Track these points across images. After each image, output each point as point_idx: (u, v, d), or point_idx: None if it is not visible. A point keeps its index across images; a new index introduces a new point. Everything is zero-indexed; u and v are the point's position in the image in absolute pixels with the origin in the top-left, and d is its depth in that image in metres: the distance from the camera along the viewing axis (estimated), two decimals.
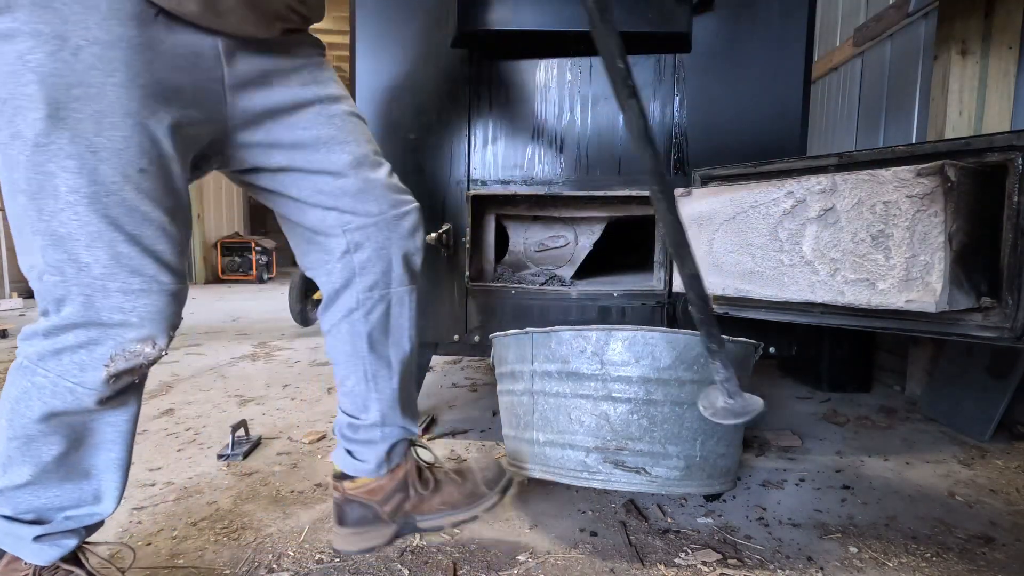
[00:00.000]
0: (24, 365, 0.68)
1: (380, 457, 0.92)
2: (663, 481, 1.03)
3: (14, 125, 0.59)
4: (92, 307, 0.64)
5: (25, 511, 0.71)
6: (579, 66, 1.50)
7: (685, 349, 1.03)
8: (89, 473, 0.74)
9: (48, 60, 0.58)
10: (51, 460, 0.70)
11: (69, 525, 0.74)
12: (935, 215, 0.88)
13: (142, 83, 0.63)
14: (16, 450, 0.69)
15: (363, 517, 0.93)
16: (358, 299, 0.87)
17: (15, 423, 0.68)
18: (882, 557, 1.01)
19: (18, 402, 0.68)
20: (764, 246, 1.17)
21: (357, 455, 0.93)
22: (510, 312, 1.54)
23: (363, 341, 0.89)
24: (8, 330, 3.23)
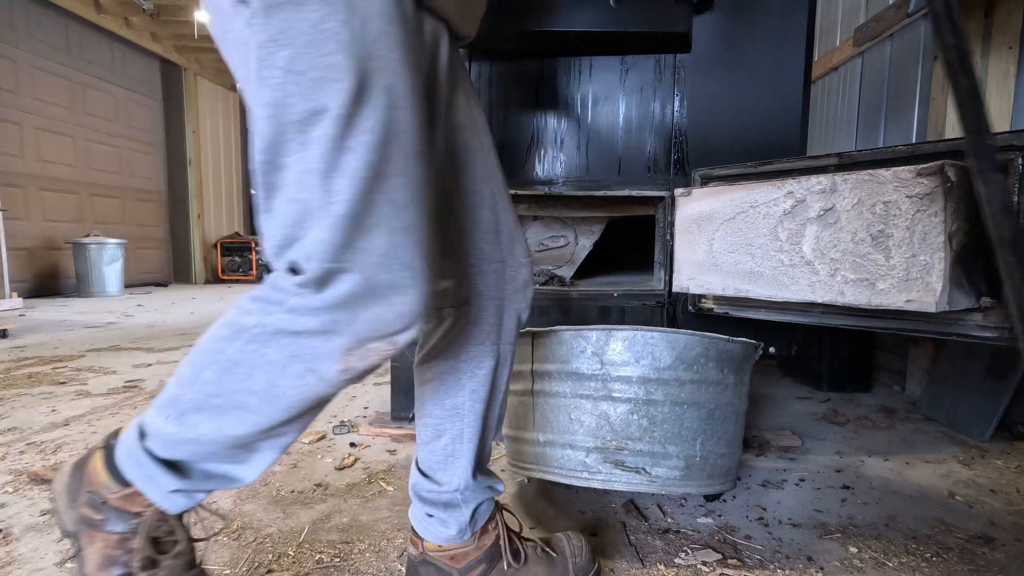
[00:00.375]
0: (255, 332, 0.61)
1: (463, 522, 0.83)
2: (663, 481, 1.03)
3: (315, 99, 0.53)
4: (354, 296, 0.57)
5: (176, 459, 0.67)
6: (579, 66, 1.50)
7: (685, 349, 1.03)
8: (256, 447, 0.70)
9: (344, 29, 0.53)
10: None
11: (207, 486, 0.70)
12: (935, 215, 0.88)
13: (411, 61, 0.58)
14: (211, 408, 0.63)
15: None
16: (468, 351, 0.81)
17: (225, 384, 0.62)
18: (882, 557, 1.01)
19: (237, 365, 0.62)
20: (764, 246, 1.17)
21: (438, 519, 0.83)
22: None
23: (470, 398, 0.82)
24: (8, 330, 3.23)
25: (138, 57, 7.06)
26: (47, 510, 1.14)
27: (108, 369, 2.43)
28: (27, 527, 1.08)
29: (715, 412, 1.05)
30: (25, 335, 3.30)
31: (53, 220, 5.90)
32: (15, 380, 2.21)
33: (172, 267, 7.82)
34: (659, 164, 1.53)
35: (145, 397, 1.99)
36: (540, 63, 1.50)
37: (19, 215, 5.47)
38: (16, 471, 1.33)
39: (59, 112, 5.94)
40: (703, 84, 1.50)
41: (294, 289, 0.58)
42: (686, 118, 1.51)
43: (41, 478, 1.28)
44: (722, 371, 1.06)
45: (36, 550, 1.00)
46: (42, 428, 1.64)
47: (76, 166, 6.19)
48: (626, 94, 1.52)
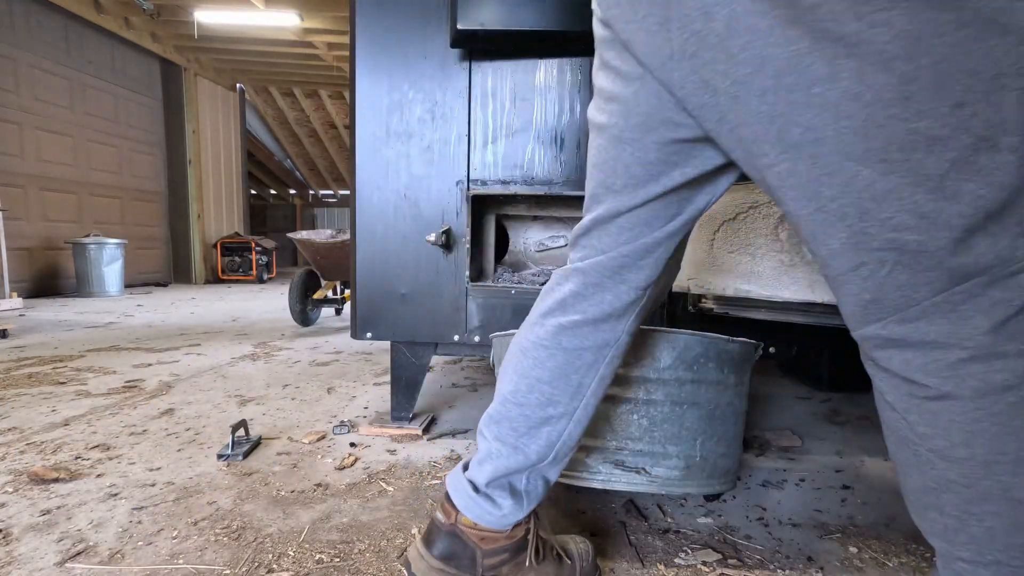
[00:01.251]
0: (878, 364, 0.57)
1: (515, 506, 0.83)
2: (663, 481, 1.03)
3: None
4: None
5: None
6: (579, 66, 1.50)
7: (685, 349, 1.03)
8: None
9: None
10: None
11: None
12: None
13: None
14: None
15: (455, 555, 0.84)
16: (618, 337, 0.80)
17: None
18: (882, 557, 1.01)
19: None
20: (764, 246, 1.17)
21: (487, 496, 0.83)
22: (510, 312, 1.54)
23: (599, 384, 0.82)
24: (8, 330, 3.23)
25: (138, 57, 7.06)
26: (47, 510, 1.14)
27: (108, 369, 2.43)
28: (27, 527, 1.08)
29: (715, 412, 1.05)
30: (25, 335, 3.30)
31: (53, 220, 5.90)
32: (15, 380, 2.21)
33: (172, 267, 7.82)
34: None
35: (145, 397, 1.99)
36: (540, 63, 1.50)
37: (19, 215, 5.47)
38: (16, 471, 1.33)
39: (59, 112, 5.94)
40: None
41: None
42: None
43: (41, 478, 1.28)
44: (722, 371, 1.06)
45: (36, 550, 1.00)
46: (42, 428, 1.64)
47: (76, 166, 6.19)
48: None
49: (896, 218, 0.51)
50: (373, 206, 1.55)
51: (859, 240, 0.53)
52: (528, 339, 0.82)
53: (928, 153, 0.48)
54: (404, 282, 1.56)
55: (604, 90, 0.71)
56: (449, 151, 1.53)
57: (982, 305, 0.51)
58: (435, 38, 1.49)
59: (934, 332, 0.53)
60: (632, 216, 0.74)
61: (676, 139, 0.67)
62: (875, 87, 0.48)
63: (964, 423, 0.54)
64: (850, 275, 0.55)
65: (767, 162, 0.56)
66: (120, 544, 1.02)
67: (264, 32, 6.77)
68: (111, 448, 1.49)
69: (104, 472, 1.33)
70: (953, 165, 0.48)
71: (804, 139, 0.52)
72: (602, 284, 0.78)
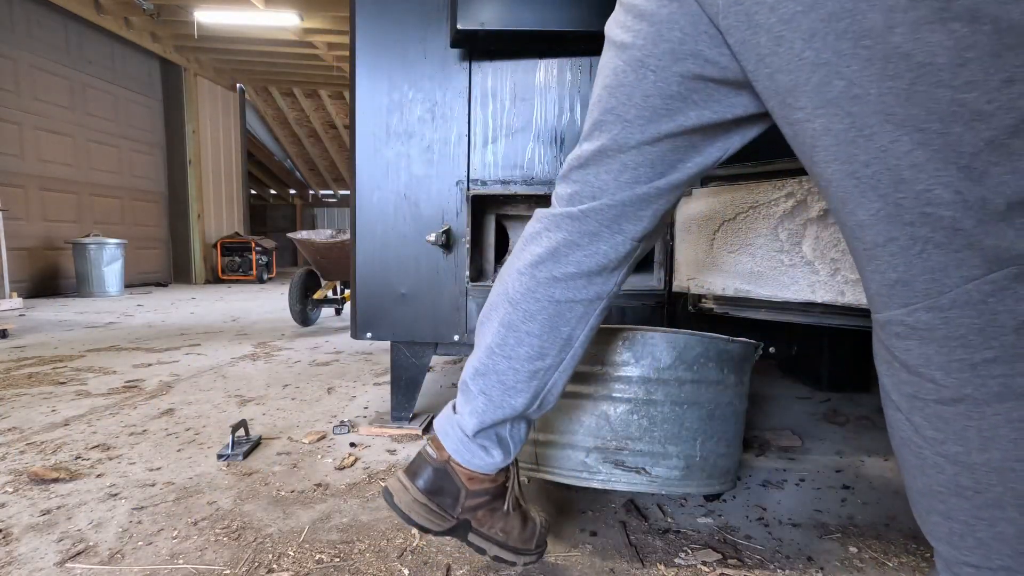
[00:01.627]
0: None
1: (506, 453, 0.84)
2: (663, 481, 1.03)
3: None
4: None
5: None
6: (579, 66, 1.50)
7: (685, 349, 1.03)
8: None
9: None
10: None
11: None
12: None
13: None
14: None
15: (441, 490, 0.84)
16: (610, 289, 0.79)
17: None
18: (882, 557, 1.01)
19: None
20: (764, 246, 1.17)
21: (481, 445, 0.83)
22: None
23: (586, 335, 0.80)
24: (8, 330, 3.23)
25: (138, 57, 7.06)
26: (47, 510, 1.14)
27: (108, 369, 2.43)
28: (27, 527, 1.08)
29: (715, 412, 1.05)
30: (25, 335, 3.30)
31: (53, 220, 5.90)
32: (15, 380, 2.21)
33: (172, 267, 7.82)
34: None
35: (145, 397, 1.99)
36: (540, 63, 1.50)
37: (19, 215, 5.47)
38: (16, 471, 1.33)
39: (59, 112, 5.94)
40: None
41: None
42: None
43: (41, 478, 1.28)
44: (722, 371, 1.06)
45: (36, 550, 1.00)
46: (42, 428, 1.64)
47: (76, 166, 6.19)
48: None
49: (933, 191, 0.48)
50: (373, 206, 1.55)
51: (891, 212, 0.50)
52: (517, 290, 0.78)
53: (967, 128, 0.46)
54: (404, 282, 1.56)
55: (634, 4, 0.64)
56: (449, 151, 1.53)
57: (1009, 301, 0.49)
58: (435, 38, 1.49)
59: (964, 326, 0.50)
60: (639, 154, 0.69)
61: (702, 75, 0.62)
62: (929, 48, 0.45)
63: (982, 428, 0.52)
64: (879, 250, 0.52)
65: (802, 116, 0.53)
66: (120, 544, 1.02)
67: (264, 32, 6.77)
68: (111, 448, 1.49)
69: (104, 472, 1.33)
70: (988, 145, 0.46)
71: (845, 95, 0.49)
72: (599, 234, 0.74)
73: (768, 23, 0.52)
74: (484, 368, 0.81)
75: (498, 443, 0.84)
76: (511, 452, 0.85)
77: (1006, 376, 0.50)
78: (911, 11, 0.46)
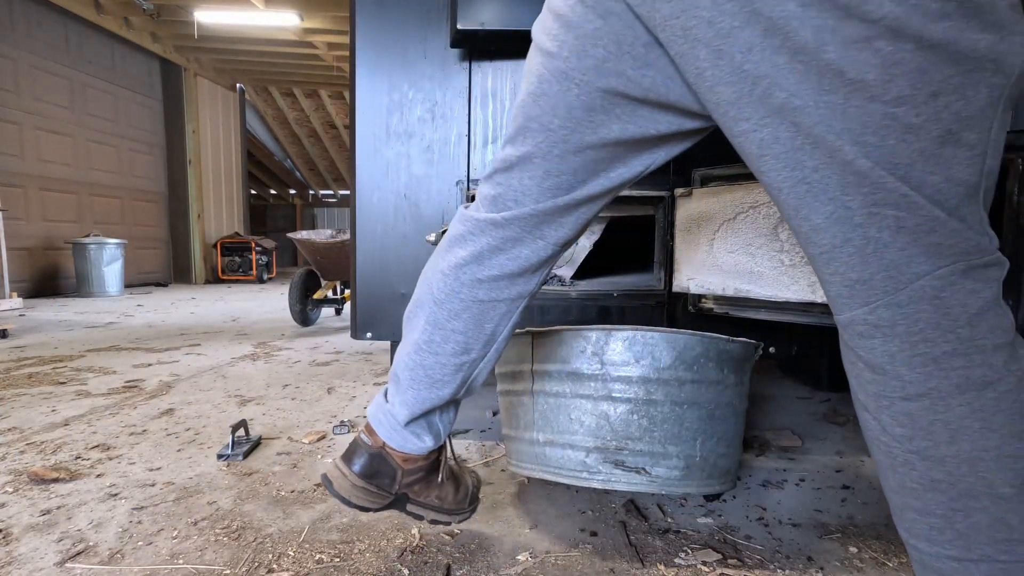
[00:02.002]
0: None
1: (437, 436, 0.91)
2: (663, 481, 1.03)
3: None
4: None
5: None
6: None
7: (685, 349, 1.03)
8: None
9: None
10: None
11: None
12: None
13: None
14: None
15: (378, 473, 0.89)
16: (532, 289, 0.83)
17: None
18: (882, 557, 1.01)
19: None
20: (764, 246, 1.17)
21: (413, 431, 0.89)
22: None
23: (508, 331, 0.85)
24: (8, 330, 3.23)
25: (138, 57, 7.06)
26: (47, 510, 1.14)
27: (108, 369, 2.43)
28: (27, 527, 1.08)
29: (715, 412, 1.05)
30: (25, 335, 3.30)
31: (53, 220, 5.90)
32: (15, 380, 2.21)
33: (172, 267, 7.82)
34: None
35: (145, 397, 1.99)
36: None
37: (19, 215, 5.47)
38: (16, 471, 1.33)
39: (59, 112, 5.94)
40: None
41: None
42: None
43: (41, 478, 1.28)
44: (722, 371, 1.06)
45: (36, 550, 1.00)
46: (42, 428, 1.64)
47: (76, 166, 6.19)
48: None
49: (877, 194, 0.51)
50: (373, 206, 1.55)
51: (842, 215, 0.52)
52: (442, 290, 0.82)
53: (900, 141, 0.49)
54: (404, 282, 1.56)
55: (561, 14, 0.64)
56: (449, 151, 1.53)
57: (959, 295, 0.52)
58: (435, 38, 1.49)
59: (923, 320, 0.53)
60: (561, 162, 0.70)
61: (626, 94, 0.63)
62: (859, 65, 0.47)
63: (948, 421, 0.54)
64: (836, 251, 0.54)
65: (748, 127, 0.54)
66: (120, 544, 1.02)
67: (264, 32, 6.77)
68: (111, 448, 1.49)
69: (104, 472, 1.34)
70: (921, 155, 0.49)
71: (787, 105, 0.51)
72: (521, 239, 0.77)
73: (706, 37, 0.53)
74: (413, 363, 0.86)
75: (428, 429, 0.90)
76: (441, 435, 0.92)
77: (965, 368, 0.53)
78: (839, 31, 0.47)
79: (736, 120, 0.55)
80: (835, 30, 0.47)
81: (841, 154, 0.50)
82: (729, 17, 0.50)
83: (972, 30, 0.46)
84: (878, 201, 0.51)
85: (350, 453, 0.90)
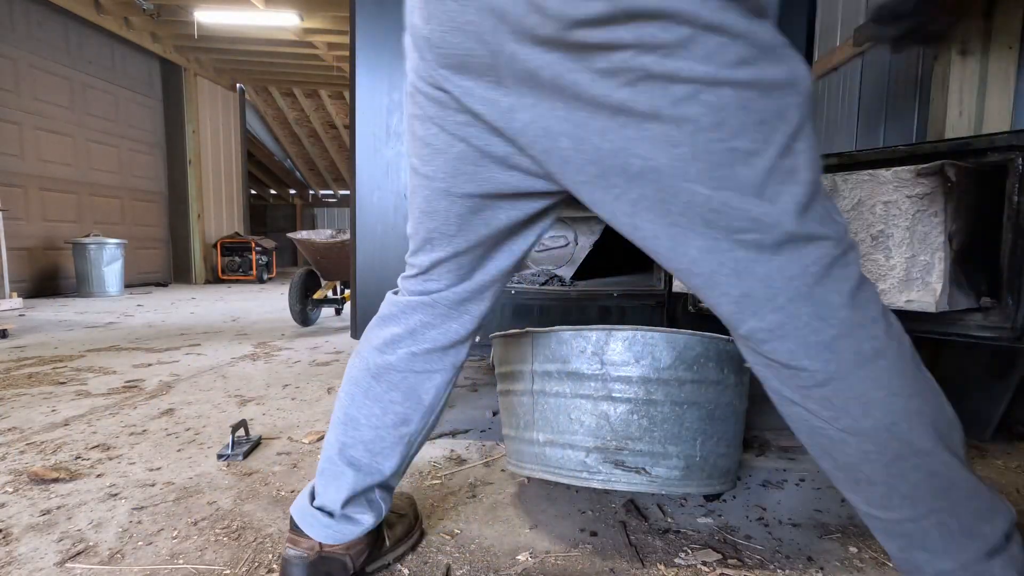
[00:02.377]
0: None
1: (378, 515, 0.90)
2: (663, 481, 1.03)
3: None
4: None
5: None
6: None
7: (685, 349, 1.03)
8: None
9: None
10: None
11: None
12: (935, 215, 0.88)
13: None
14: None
15: (329, 573, 0.88)
16: (463, 358, 0.90)
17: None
18: (882, 557, 1.01)
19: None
20: None
21: (349, 517, 0.88)
22: (510, 312, 1.54)
23: (444, 399, 0.90)
24: (8, 330, 3.23)
25: (138, 57, 7.06)
26: (47, 510, 1.14)
27: (108, 369, 2.43)
28: (27, 527, 1.08)
29: (715, 412, 1.05)
30: (25, 335, 3.30)
31: (53, 220, 5.90)
32: (15, 380, 2.21)
33: (172, 267, 7.82)
34: None
35: (145, 397, 1.99)
36: None
37: (19, 215, 5.47)
38: (16, 471, 1.33)
39: (59, 112, 5.94)
40: None
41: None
42: None
43: (41, 478, 1.28)
44: (722, 371, 1.06)
45: (36, 550, 1.00)
46: (42, 428, 1.64)
47: (76, 166, 6.19)
48: None
49: (736, 223, 0.59)
50: (373, 206, 1.55)
51: (711, 245, 0.61)
52: (378, 364, 0.87)
53: (746, 166, 0.58)
54: None
55: (429, 142, 0.73)
56: None
57: (830, 284, 0.60)
58: None
59: (805, 315, 0.61)
60: (469, 255, 0.81)
61: (502, 193, 0.73)
62: (693, 116, 0.56)
63: (858, 396, 0.62)
64: (716, 277, 0.63)
65: (619, 192, 0.63)
66: (120, 544, 1.02)
67: (264, 32, 6.77)
68: (111, 448, 1.49)
69: (104, 472, 1.34)
70: (768, 173, 0.58)
71: (645, 167, 0.60)
72: (449, 315, 0.86)
73: (565, 129, 0.62)
74: (351, 441, 0.88)
75: (369, 507, 0.90)
76: (382, 511, 0.91)
77: (854, 346, 0.61)
78: (667, 95, 0.57)
79: (607, 188, 0.63)
80: (664, 95, 0.56)
81: (700, 195, 0.59)
82: (580, 111, 0.60)
83: (770, 67, 0.57)
84: (738, 228, 0.59)
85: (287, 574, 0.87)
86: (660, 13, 0.54)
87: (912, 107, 2.32)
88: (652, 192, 0.61)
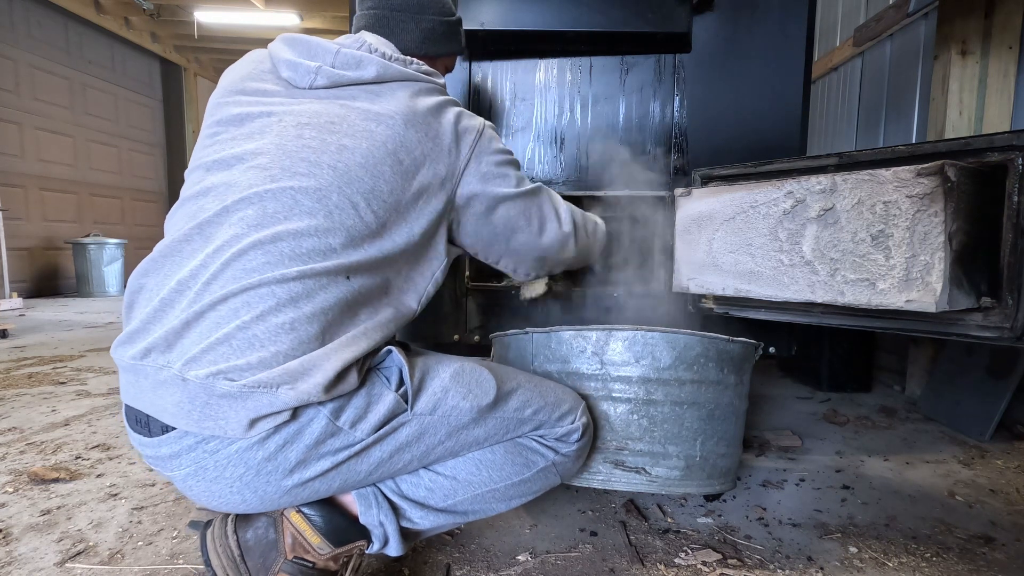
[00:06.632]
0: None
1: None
2: (663, 481, 1.03)
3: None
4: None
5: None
6: (579, 66, 1.50)
7: (685, 349, 1.03)
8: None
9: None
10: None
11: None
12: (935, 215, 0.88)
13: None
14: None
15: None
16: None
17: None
18: (882, 557, 1.01)
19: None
20: (764, 246, 1.17)
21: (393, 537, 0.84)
22: (510, 312, 1.54)
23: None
24: (8, 330, 3.23)
25: (138, 57, 7.06)
26: (47, 510, 1.14)
27: (108, 369, 2.42)
28: (27, 527, 1.08)
29: (715, 412, 1.05)
30: (25, 335, 3.30)
31: (53, 220, 5.89)
32: (15, 380, 2.21)
33: None
34: (659, 164, 1.53)
35: None
36: (540, 63, 1.50)
37: (19, 215, 5.47)
38: (16, 471, 1.33)
39: (59, 112, 5.94)
40: (703, 84, 1.50)
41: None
42: (686, 118, 1.51)
43: (41, 478, 1.28)
44: (722, 371, 1.06)
45: (36, 550, 1.00)
46: (42, 428, 1.64)
47: (76, 166, 6.19)
48: (626, 94, 1.52)
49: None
50: None
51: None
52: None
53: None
54: None
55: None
56: None
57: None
58: None
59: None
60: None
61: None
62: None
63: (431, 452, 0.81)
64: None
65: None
66: (120, 544, 1.02)
67: (264, 32, 6.76)
68: (111, 448, 1.49)
69: (104, 472, 1.33)
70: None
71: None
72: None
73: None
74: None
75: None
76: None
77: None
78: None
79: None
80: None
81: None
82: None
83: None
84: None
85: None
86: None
87: (912, 107, 2.32)
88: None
